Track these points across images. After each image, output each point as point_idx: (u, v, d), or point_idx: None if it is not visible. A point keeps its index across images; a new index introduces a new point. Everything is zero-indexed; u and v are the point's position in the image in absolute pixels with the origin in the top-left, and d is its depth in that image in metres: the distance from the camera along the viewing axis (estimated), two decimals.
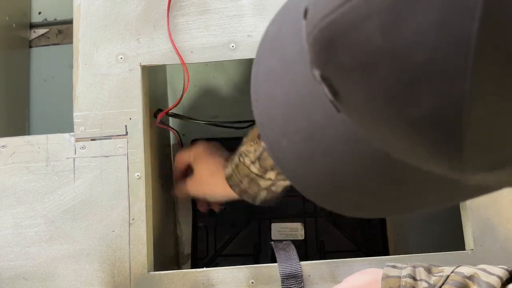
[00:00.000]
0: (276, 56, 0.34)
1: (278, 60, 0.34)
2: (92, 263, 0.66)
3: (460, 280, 0.54)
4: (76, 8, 0.73)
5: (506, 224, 0.66)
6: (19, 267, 0.67)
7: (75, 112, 0.70)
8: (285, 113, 0.33)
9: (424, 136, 0.24)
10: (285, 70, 0.34)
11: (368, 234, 0.88)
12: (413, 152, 0.26)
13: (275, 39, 0.35)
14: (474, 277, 0.54)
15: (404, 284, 0.55)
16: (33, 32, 1.06)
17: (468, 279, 0.54)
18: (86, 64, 0.71)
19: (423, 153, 0.25)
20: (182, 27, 0.72)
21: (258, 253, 0.88)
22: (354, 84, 0.26)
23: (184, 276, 0.66)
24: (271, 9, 0.71)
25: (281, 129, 0.34)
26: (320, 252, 0.88)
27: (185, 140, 0.98)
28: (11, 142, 0.70)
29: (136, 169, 0.68)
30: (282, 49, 0.34)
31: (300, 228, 0.87)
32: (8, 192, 0.68)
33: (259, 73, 0.35)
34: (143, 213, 0.67)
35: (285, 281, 0.64)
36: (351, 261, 0.65)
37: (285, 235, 0.88)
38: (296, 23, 0.32)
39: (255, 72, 0.35)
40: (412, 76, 0.23)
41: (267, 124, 0.34)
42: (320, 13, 0.26)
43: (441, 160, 0.25)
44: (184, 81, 0.70)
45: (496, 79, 0.21)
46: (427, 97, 0.23)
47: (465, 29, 0.21)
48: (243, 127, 0.91)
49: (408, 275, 0.55)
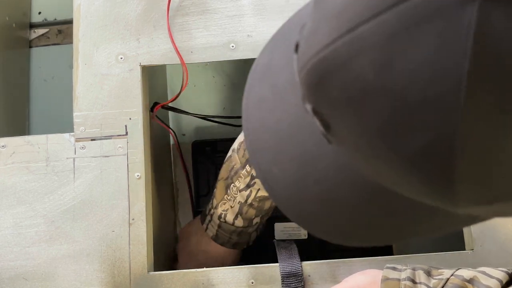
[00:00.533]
0: (268, 84, 0.35)
1: (269, 88, 0.34)
2: (92, 263, 0.66)
3: (459, 283, 0.53)
4: (76, 8, 0.73)
5: (506, 224, 0.66)
6: (19, 267, 0.67)
7: (75, 112, 0.70)
8: (277, 142, 0.33)
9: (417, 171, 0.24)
10: (276, 99, 0.34)
11: None
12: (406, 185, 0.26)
13: (266, 67, 0.35)
14: (474, 280, 0.54)
15: (404, 287, 0.55)
16: (33, 32, 1.06)
17: (467, 282, 0.54)
18: (86, 64, 0.71)
19: (416, 186, 0.25)
20: (182, 27, 0.72)
21: (261, 254, 0.87)
22: (346, 120, 0.26)
23: (184, 276, 0.66)
24: (271, 9, 0.71)
25: (273, 158, 0.34)
26: (322, 252, 0.87)
27: (185, 140, 0.98)
28: (11, 142, 0.70)
29: (136, 169, 0.68)
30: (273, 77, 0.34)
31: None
32: (8, 192, 0.68)
33: (250, 101, 0.35)
34: (143, 213, 0.67)
35: (285, 279, 0.64)
36: (352, 261, 0.65)
37: (288, 235, 0.88)
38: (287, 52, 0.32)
39: (246, 100, 0.36)
40: (405, 113, 0.23)
41: (259, 152, 0.35)
42: (312, 49, 0.26)
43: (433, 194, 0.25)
44: (183, 79, 0.70)
45: (488, 117, 0.22)
46: (420, 133, 0.23)
47: (457, 66, 0.21)
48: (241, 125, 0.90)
49: (408, 277, 0.55)
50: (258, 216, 0.72)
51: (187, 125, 0.97)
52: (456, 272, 0.55)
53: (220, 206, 0.72)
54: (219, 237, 0.74)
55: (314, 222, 0.34)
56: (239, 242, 0.75)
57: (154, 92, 0.81)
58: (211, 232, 0.75)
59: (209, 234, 0.75)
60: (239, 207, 0.71)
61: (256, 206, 0.71)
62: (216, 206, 0.73)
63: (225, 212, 0.72)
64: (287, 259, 0.66)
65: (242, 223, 0.72)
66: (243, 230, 0.73)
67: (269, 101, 0.34)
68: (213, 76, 1.01)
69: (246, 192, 0.69)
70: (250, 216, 0.72)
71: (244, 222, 0.72)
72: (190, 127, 0.97)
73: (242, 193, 0.70)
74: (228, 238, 0.74)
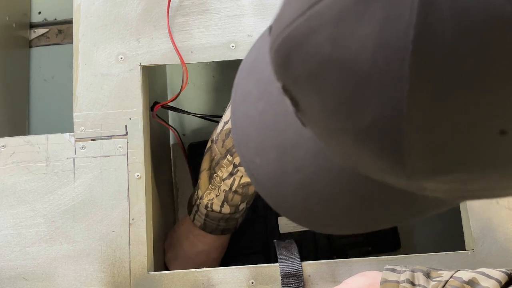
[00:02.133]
0: (253, 79, 0.36)
1: (254, 83, 0.36)
2: (92, 263, 0.66)
3: (458, 285, 0.53)
4: (76, 8, 0.73)
5: (506, 224, 0.66)
6: (19, 267, 0.67)
7: (75, 112, 0.70)
8: (260, 132, 0.35)
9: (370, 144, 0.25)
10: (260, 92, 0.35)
11: None
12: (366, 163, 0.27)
13: (252, 63, 0.37)
14: (473, 282, 0.54)
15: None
16: (33, 32, 1.06)
17: (466, 284, 0.53)
18: (86, 64, 0.71)
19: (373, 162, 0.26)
20: (182, 27, 0.72)
21: (267, 249, 0.87)
22: (309, 95, 0.27)
23: (184, 276, 0.66)
24: (271, 9, 0.71)
25: (256, 148, 0.35)
26: (329, 240, 0.87)
27: (185, 140, 0.98)
28: (11, 142, 0.70)
29: (136, 169, 0.68)
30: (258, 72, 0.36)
31: None
32: (8, 192, 0.68)
33: (237, 96, 0.37)
34: (143, 213, 0.67)
35: (285, 279, 0.64)
36: (351, 261, 0.65)
37: (293, 227, 0.88)
38: None
39: (234, 96, 0.37)
40: (356, 85, 0.24)
41: (243, 144, 0.36)
42: (279, 29, 0.28)
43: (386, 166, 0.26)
44: (183, 79, 0.70)
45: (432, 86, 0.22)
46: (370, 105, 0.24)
47: (401, 38, 0.22)
48: None
49: (407, 280, 0.55)
50: (243, 202, 0.74)
51: (187, 125, 0.97)
52: (455, 274, 0.55)
53: (205, 196, 0.73)
54: (207, 225, 0.76)
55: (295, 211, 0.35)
56: (226, 228, 0.77)
57: (154, 92, 0.81)
58: (198, 222, 0.76)
59: (197, 224, 0.76)
60: (225, 195, 0.72)
61: (241, 192, 0.72)
62: (202, 196, 0.74)
63: (211, 201, 0.73)
64: (287, 259, 0.66)
65: (229, 210, 0.74)
66: (230, 217, 0.75)
67: (254, 95, 0.36)
68: (213, 76, 1.01)
69: (229, 180, 0.71)
70: (236, 203, 0.73)
71: (230, 209, 0.74)
72: (190, 127, 0.97)
73: (226, 181, 0.71)
74: (216, 226, 0.76)
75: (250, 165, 0.36)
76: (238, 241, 0.88)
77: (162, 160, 0.86)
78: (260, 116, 0.35)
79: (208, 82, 1.01)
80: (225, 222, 0.76)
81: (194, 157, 0.90)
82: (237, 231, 0.87)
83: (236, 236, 0.88)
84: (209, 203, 0.74)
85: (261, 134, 0.35)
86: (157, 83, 0.88)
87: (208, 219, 0.75)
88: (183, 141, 0.96)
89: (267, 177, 0.35)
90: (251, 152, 0.35)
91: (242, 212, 0.76)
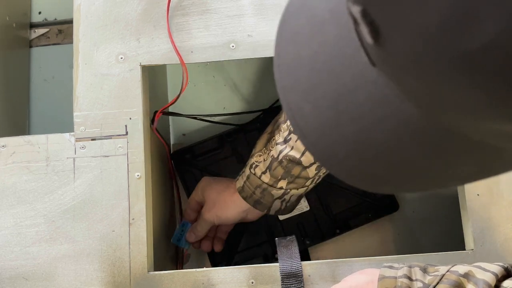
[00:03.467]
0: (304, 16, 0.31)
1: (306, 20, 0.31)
2: (92, 263, 0.66)
3: (455, 279, 0.54)
4: (76, 8, 0.73)
5: (506, 224, 0.66)
6: (19, 267, 0.67)
7: (75, 112, 0.70)
8: (311, 76, 0.30)
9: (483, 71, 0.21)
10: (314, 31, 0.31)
11: None
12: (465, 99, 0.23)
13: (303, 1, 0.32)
14: (469, 275, 0.54)
15: (400, 285, 0.55)
16: (33, 32, 1.06)
17: (463, 277, 0.54)
18: (86, 64, 0.71)
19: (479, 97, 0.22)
20: (182, 27, 0.72)
21: (272, 237, 0.87)
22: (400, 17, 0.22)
23: (184, 276, 0.66)
24: (271, 9, 0.71)
25: (306, 94, 0.31)
26: (329, 216, 0.88)
27: (185, 140, 0.98)
28: (11, 142, 0.70)
29: (136, 169, 0.68)
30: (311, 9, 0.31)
31: (303, 200, 0.87)
32: (8, 192, 0.68)
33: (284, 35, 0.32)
34: (143, 213, 0.67)
35: (285, 280, 0.64)
36: (351, 261, 0.65)
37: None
38: None
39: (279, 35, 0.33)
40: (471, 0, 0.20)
41: (290, 89, 0.32)
42: None
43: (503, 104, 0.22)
44: (183, 80, 0.70)
45: None
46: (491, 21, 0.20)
47: None
48: (240, 124, 0.91)
49: (404, 275, 0.56)
50: (284, 179, 0.71)
51: (187, 125, 0.97)
52: (451, 268, 0.55)
53: (255, 156, 0.73)
54: (244, 189, 0.75)
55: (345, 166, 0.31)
56: (260, 202, 0.74)
57: (155, 92, 0.81)
58: (239, 184, 0.75)
59: (237, 184, 0.76)
60: (270, 162, 0.71)
61: (285, 166, 0.70)
62: (252, 155, 0.74)
63: (257, 163, 0.73)
64: (287, 259, 0.66)
65: (267, 179, 0.72)
66: (267, 189, 0.73)
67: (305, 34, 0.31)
68: (213, 76, 1.01)
69: (281, 147, 0.70)
70: (277, 175, 0.71)
71: (270, 180, 0.72)
72: (190, 127, 0.97)
73: (277, 147, 0.70)
74: (251, 193, 0.74)
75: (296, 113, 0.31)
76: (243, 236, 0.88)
77: (162, 160, 0.86)
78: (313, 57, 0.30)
79: (208, 82, 1.01)
80: (261, 193, 0.73)
81: (179, 165, 0.90)
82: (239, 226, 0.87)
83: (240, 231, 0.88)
84: (254, 164, 0.73)
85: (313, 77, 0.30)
86: (158, 83, 0.88)
87: (247, 183, 0.74)
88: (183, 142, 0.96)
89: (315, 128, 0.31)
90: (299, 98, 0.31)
91: (280, 193, 0.73)
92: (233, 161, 0.90)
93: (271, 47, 0.79)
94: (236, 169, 0.83)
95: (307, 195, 0.87)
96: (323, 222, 0.88)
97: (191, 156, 0.90)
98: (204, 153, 0.90)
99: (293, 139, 0.69)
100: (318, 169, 0.70)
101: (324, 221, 0.88)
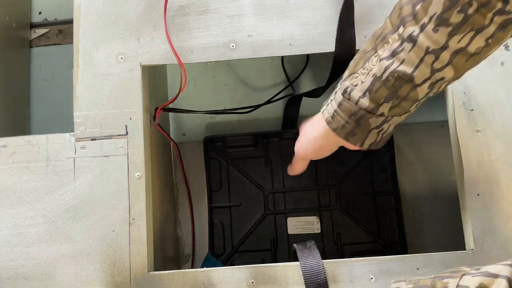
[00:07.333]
0: None
1: None
2: (92, 263, 0.66)
3: None
4: (76, 8, 0.73)
5: (506, 224, 0.66)
6: (19, 267, 0.67)
7: (75, 112, 0.70)
8: None
9: None
10: None
11: (384, 224, 0.88)
12: None
13: None
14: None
15: None
16: (33, 32, 1.07)
17: None
18: (86, 64, 0.71)
19: None
20: (182, 27, 0.72)
21: (275, 248, 0.88)
22: None
23: (184, 276, 0.66)
24: (271, 9, 0.71)
25: None
26: (337, 245, 0.88)
27: (185, 140, 0.98)
28: (11, 142, 0.70)
29: (136, 169, 0.68)
30: None
31: (316, 221, 0.88)
32: (8, 192, 0.69)
33: None
34: (143, 213, 0.67)
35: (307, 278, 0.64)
36: (351, 261, 0.65)
37: (301, 229, 0.88)
38: None
39: None
40: None
41: None
42: None
43: None
44: (181, 80, 0.71)
45: None
46: None
47: None
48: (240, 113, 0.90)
49: None
50: (388, 101, 0.60)
51: (187, 125, 0.97)
52: (460, 282, 0.52)
53: (349, 79, 0.62)
54: (334, 119, 0.64)
55: None
56: (354, 133, 0.63)
57: (155, 92, 0.81)
58: (328, 113, 0.65)
59: (325, 115, 0.65)
60: (371, 82, 0.60)
61: (391, 85, 0.59)
62: (345, 78, 0.62)
63: (353, 86, 0.61)
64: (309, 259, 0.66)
65: (367, 104, 0.61)
66: (365, 116, 0.61)
67: None
68: (213, 76, 1.01)
69: (387, 62, 0.58)
70: (379, 98, 0.60)
71: (370, 104, 0.60)
72: (190, 127, 0.97)
73: (382, 62, 0.58)
74: (343, 123, 0.63)
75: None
76: (246, 238, 0.89)
77: (162, 160, 0.86)
78: None
79: (208, 82, 1.01)
80: (355, 122, 0.62)
81: (209, 150, 0.91)
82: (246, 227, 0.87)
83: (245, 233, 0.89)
84: (349, 88, 0.61)
85: None
86: (158, 83, 0.88)
87: (339, 111, 0.63)
88: (183, 141, 0.96)
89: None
90: None
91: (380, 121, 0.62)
92: (260, 163, 0.90)
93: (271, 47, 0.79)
94: (262, 172, 0.82)
95: (322, 218, 0.87)
96: (329, 247, 0.88)
97: (222, 145, 0.91)
98: (236, 147, 0.91)
99: (406, 49, 0.57)
100: (431, 87, 0.59)
101: (330, 246, 0.88)
